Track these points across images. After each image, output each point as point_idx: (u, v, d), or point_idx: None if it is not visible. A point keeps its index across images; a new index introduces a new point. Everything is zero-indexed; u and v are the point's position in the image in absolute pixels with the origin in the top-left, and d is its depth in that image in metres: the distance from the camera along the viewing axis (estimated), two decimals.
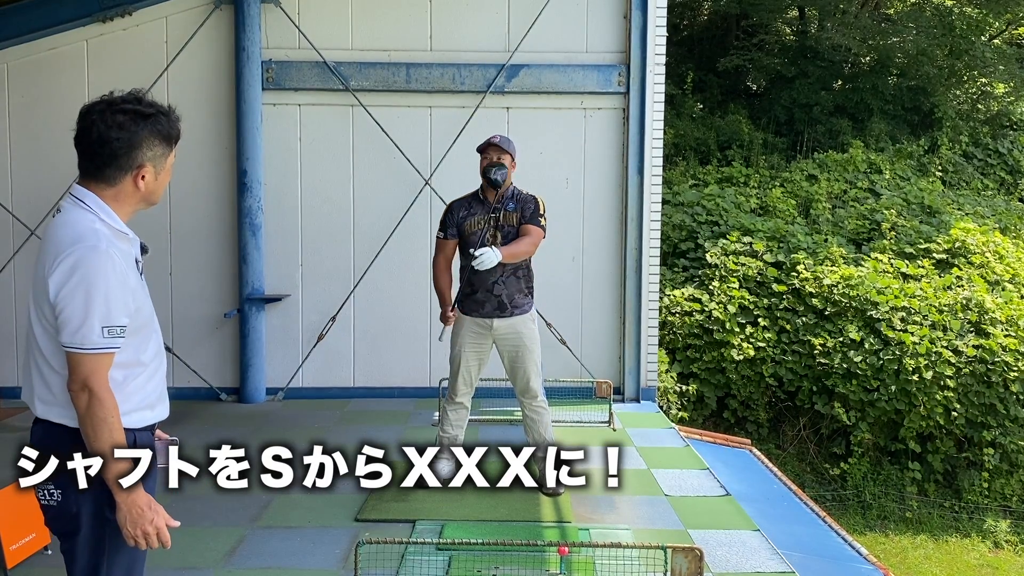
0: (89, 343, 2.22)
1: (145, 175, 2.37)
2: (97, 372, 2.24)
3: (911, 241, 11.44)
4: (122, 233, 2.36)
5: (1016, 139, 15.18)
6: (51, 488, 2.32)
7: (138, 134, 2.33)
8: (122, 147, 2.32)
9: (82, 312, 2.21)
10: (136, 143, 2.34)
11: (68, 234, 2.27)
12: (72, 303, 2.21)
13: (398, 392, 7.52)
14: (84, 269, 2.22)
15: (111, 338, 2.25)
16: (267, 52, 7.38)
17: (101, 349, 2.24)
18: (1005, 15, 16.36)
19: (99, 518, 2.32)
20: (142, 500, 2.28)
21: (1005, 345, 9.60)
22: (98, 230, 2.29)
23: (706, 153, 14.17)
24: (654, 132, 7.42)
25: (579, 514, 4.79)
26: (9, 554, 3.92)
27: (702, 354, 10.35)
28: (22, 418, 6.83)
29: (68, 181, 8.37)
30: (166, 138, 2.39)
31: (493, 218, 4.91)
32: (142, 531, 2.27)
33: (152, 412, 2.45)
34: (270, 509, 4.88)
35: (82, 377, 2.23)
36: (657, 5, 7.37)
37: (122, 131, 2.32)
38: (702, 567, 3.48)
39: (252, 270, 7.39)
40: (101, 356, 2.24)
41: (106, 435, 2.24)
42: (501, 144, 4.91)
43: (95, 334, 2.22)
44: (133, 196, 2.39)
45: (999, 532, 9.41)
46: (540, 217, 4.96)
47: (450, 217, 5.02)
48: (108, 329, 2.24)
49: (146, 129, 2.34)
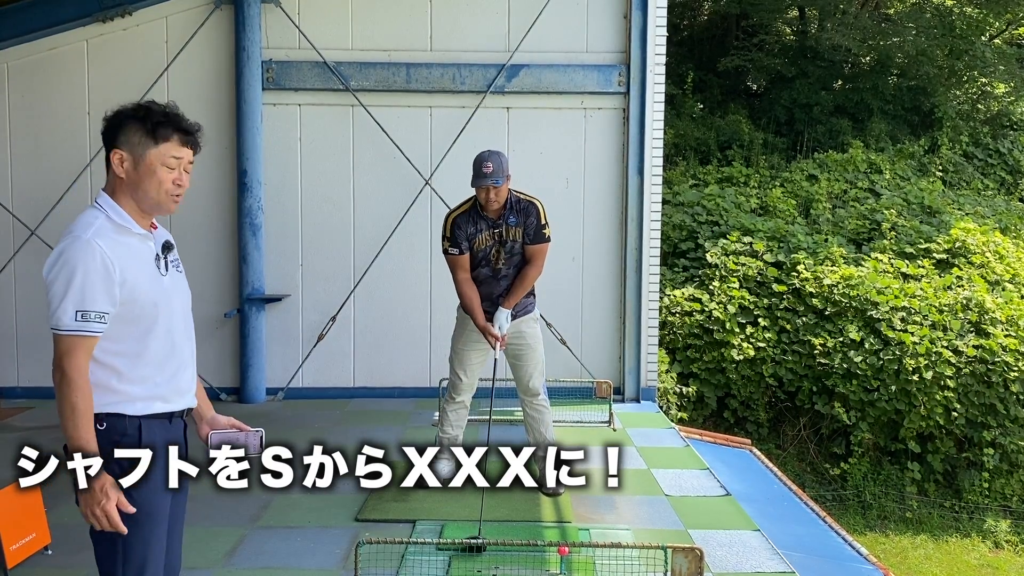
0: (63, 324, 2.35)
1: (122, 161, 2.48)
2: (71, 353, 2.35)
3: (911, 241, 11.44)
4: (124, 227, 2.47)
5: (1016, 139, 15.18)
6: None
7: (121, 120, 2.49)
8: (107, 131, 2.50)
9: (60, 295, 2.35)
10: (116, 127, 2.49)
11: (68, 229, 2.45)
12: (53, 287, 2.37)
13: (398, 392, 7.52)
14: (65, 256, 2.37)
15: (84, 322, 2.36)
16: (267, 52, 7.38)
17: (74, 331, 2.35)
18: (1005, 15, 16.37)
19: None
20: (97, 484, 2.35)
21: (1005, 345, 9.60)
22: (91, 223, 2.42)
23: (706, 153, 14.17)
24: (654, 132, 7.42)
25: (579, 514, 4.79)
26: (9, 554, 3.91)
27: (702, 354, 10.35)
28: (22, 418, 6.83)
29: (68, 181, 8.38)
30: (149, 131, 2.48)
31: (496, 233, 4.87)
32: (91, 512, 2.36)
33: (166, 403, 2.53)
34: (270, 509, 4.88)
35: (57, 356, 2.36)
36: (657, 5, 7.37)
37: (112, 118, 2.51)
38: (702, 567, 3.48)
39: (252, 270, 7.40)
40: (75, 338, 2.36)
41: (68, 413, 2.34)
42: (494, 177, 4.70)
43: (68, 316, 2.35)
44: (121, 185, 2.50)
45: (999, 532, 9.41)
46: (544, 229, 4.90)
47: (459, 232, 4.86)
48: (82, 313, 2.35)
49: (131, 118, 2.48)
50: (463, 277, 4.91)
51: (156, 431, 2.46)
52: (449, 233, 4.90)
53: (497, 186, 4.73)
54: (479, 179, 4.73)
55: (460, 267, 4.91)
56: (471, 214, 4.90)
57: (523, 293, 4.90)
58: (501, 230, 4.87)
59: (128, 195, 2.49)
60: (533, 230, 4.87)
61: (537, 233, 4.88)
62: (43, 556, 4.12)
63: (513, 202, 4.88)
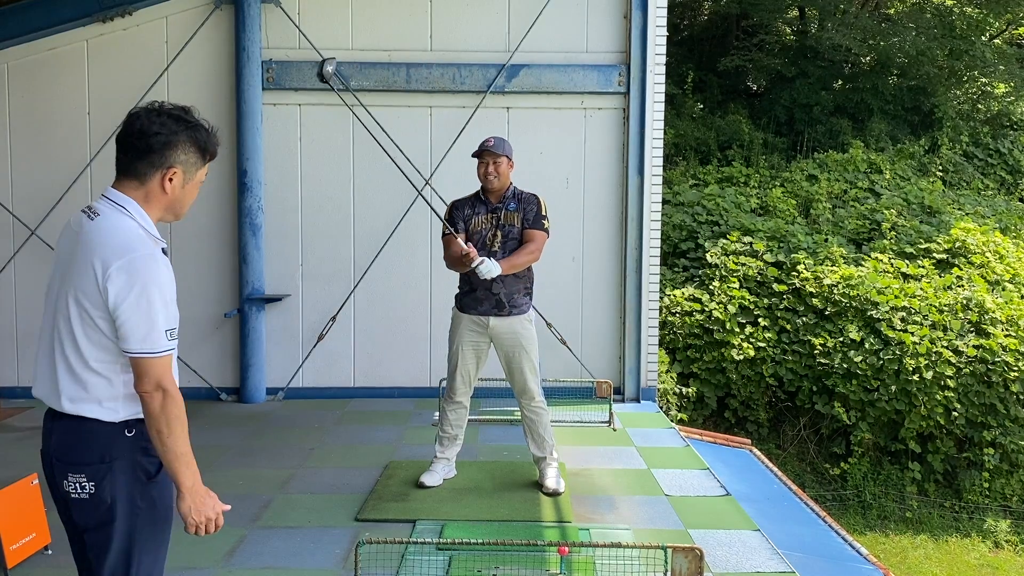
0: (159, 347, 2.35)
1: (173, 178, 2.44)
2: (168, 372, 2.38)
3: (911, 241, 11.44)
4: (156, 238, 2.45)
5: (1016, 139, 15.18)
6: (83, 480, 2.39)
7: (177, 135, 2.42)
8: (158, 143, 2.40)
9: (148, 319, 2.33)
10: (173, 143, 2.42)
11: (119, 241, 2.36)
12: (138, 312, 2.32)
13: (398, 392, 7.52)
14: (144, 278, 2.33)
15: (173, 340, 2.40)
16: (267, 52, 7.38)
17: (168, 351, 2.38)
18: (1005, 15, 16.37)
19: (132, 506, 2.42)
20: (202, 489, 2.42)
21: (1005, 345, 9.60)
22: (140, 235, 2.39)
23: (706, 153, 14.18)
24: (654, 132, 7.42)
25: (579, 514, 4.79)
26: (9, 554, 3.92)
27: (702, 354, 10.35)
28: (22, 418, 6.83)
29: (68, 181, 8.38)
30: (202, 149, 2.48)
31: (494, 217, 4.91)
32: (205, 518, 2.41)
33: None
34: (270, 509, 4.88)
35: (155, 379, 2.35)
36: (657, 5, 7.36)
37: (163, 128, 2.41)
38: (702, 567, 3.48)
39: (252, 270, 7.40)
40: (169, 357, 2.39)
41: (179, 430, 2.36)
42: (495, 149, 4.86)
43: (163, 338, 2.36)
44: (160, 200, 2.46)
45: (999, 532, 9.41)
46: (543, 219, 4.95)
47: (457, 213, 4.97)
48: (170, 332, 2.39)
49: (185, 133, 2.44)
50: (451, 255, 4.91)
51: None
52: (448, 215, 5.02)
53: (497, 156, 4.84)
54: (481, 150, 4.87)
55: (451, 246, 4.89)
56: (471, 199, 5.03)
57: (517, 262, 4.83)
58: (500, 214, 4.92)
59: (161, 207, 2.47)
60: (533, 216, 4.93)
61: (536, 220, 4.93)
62: (43, 556, 4.12)
63: (516, 191, 5.00)
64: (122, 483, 2.39)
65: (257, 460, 5.82)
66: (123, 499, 2.40)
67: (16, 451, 5.83)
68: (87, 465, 2.38)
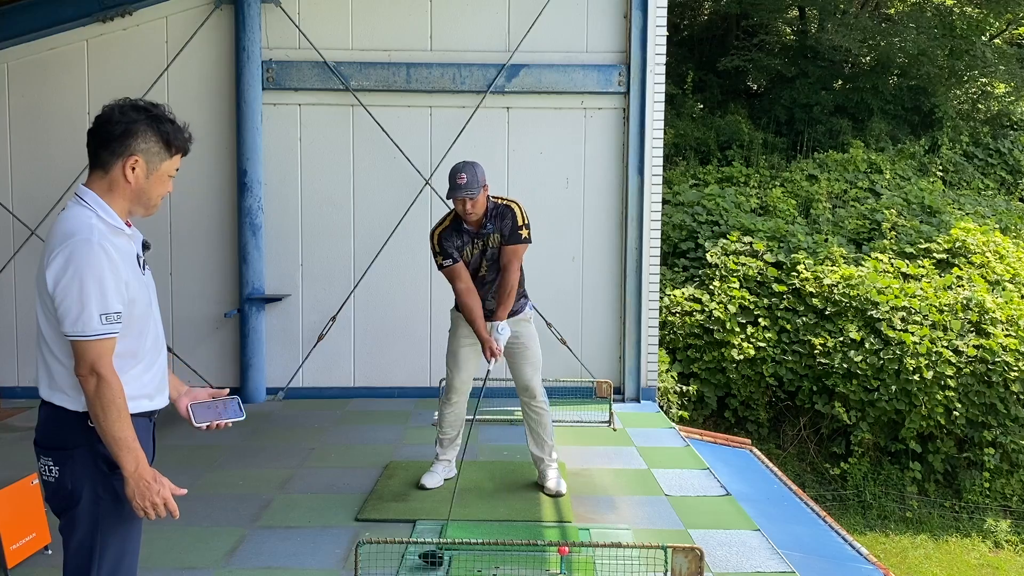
0: (90, 330, 2.36)
1: (136, 167, 2.47)
2: (102, 356, 2.38)
3: (911, 241, 11.44)
4: (118, 229, 2.48)
5: (1016, 139, 15.18)
6: (51, 464, 2.47)
7: (136, 123, 2.46)
8: (118, 130, 2.45)
9: (79, 302, 2.35)
10: (132, 131, 2.46)
11: (64, 229, 2.41)
12: (70, 294, 2.35)
13: (398, 392, 7.52)
14: (78, 261, 2.36)
15: (109, 324, 2.39)
16: (267, 52, 7.38)
17: (103, 335, 2.38)
18: (1005, 15, 16.37)
19: (93, 495, 2.46)
20: (148, 474, 2.42)
21: (1005, 345, 9.60)
22: (92, 224, 2.41)
23: (706, 153, 14.18)
24: (654, 132, 7.42)
25: (579, 514, 4.79)
26: (9, 554, 3.92)
27: (702, 354, 10.35)
28: (22, 418, 6.83)
29: (68, 181, 8.36)
30: (165, 141, 2.50)
31: (480, 243, 4.88)
32: (149, 502, 2.41)
33: (151, 401, 2.58)
34: (270, 509, 4.88)
35: (89, 362, 2.37)
36: (657, 5, 7.36)
37: (123, 116, 2.46)
38: (702, 567, 3.48)
39: (252, 270, 7.40)
40: (103, 341, 2.38)
41: (114, 415, 2.37)
42: (469, 189, 4.68)
43: (95, 321, 2.36)
44: (124, 189, 2.49)
45: (999, 532, 9.41)
46: (520, 230, 4.87)
47: (448, 243, 4.87)
48: (105, 316, 2.38)
49: (145, 122, 2.47)
50: (462, 287, 4.88)
51: (140, 430, 2.48)
52: (439, 248, 4.89)
53: (473, 198, 4.73)
54: (454, 191, 4.73)
55: (458, 277, 4.88)
56: (453, 228, 4.90)
57: (508, 301, 4.88)
58: (484, 239, 4.88)
59: (125, 198, 2.49)
60: (509, 230, 4.87)
61: (512, 233, 4.87)
62: (43, 556, 4.12)
63: (490, 209, 4.88)
64: (82, 472, 2.44)
65: (257, 460, 5.82)
66: (84, 488, 2.45)
67: (16, 451, 5.83)
68: (53, 450, 2.46)
